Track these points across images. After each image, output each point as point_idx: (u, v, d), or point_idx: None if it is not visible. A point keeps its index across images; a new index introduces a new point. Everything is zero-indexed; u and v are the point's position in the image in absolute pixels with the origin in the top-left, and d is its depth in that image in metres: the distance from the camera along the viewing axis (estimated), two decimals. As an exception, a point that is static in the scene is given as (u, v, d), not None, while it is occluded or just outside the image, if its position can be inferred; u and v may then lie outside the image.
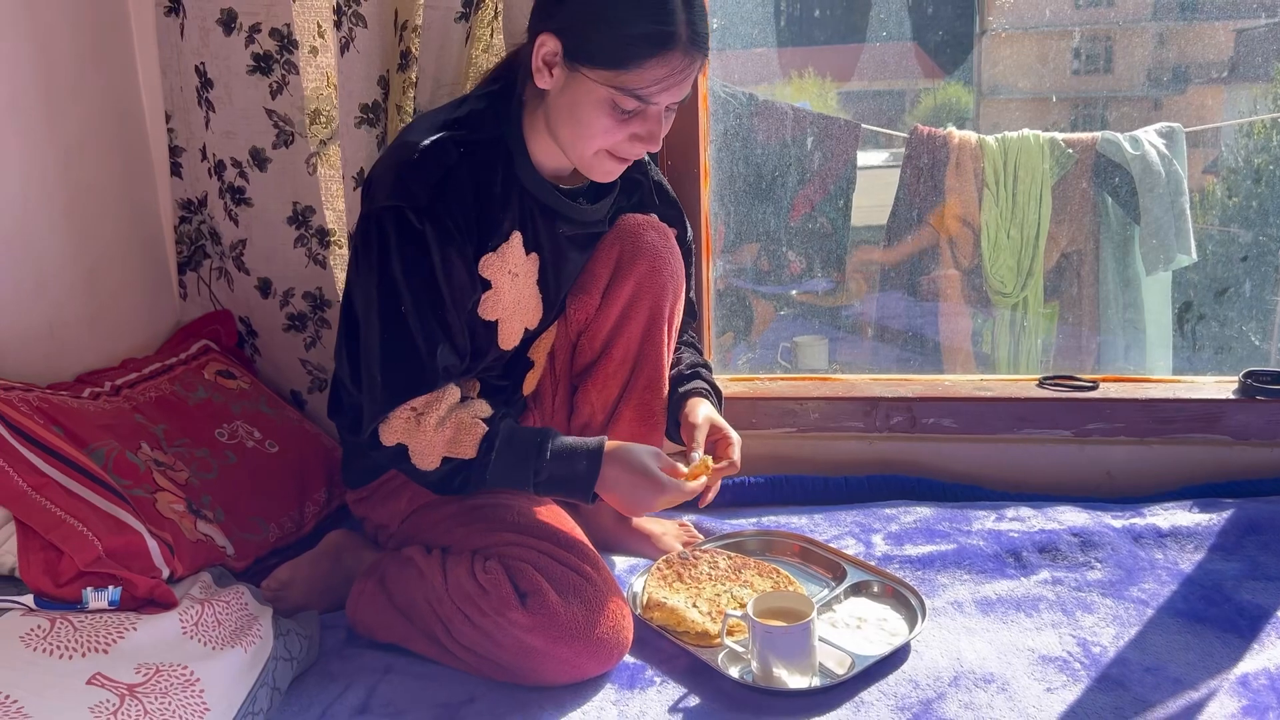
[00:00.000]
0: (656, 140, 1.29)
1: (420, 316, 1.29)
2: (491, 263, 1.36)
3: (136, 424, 1.47)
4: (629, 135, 1.28)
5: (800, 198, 2.79)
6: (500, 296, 1.38)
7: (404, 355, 1.29)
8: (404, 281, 1.28)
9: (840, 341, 2.99)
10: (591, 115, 1.26)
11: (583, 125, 1.28)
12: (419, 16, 1.58)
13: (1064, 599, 1.43)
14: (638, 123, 1.27)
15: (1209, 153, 3.04)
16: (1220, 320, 2.81)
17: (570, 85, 1.27)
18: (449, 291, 1.30)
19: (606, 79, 1.23)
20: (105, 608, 1.16)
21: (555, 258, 1.43)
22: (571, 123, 1.29)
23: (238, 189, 1.74)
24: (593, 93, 1.25)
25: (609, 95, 1.24)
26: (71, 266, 1.62)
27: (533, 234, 1.39)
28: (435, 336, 1.29)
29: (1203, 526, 1.58)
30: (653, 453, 1.32)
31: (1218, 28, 3.21)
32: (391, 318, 1.29)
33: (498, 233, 1.35)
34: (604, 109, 1.25)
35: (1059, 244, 2.70)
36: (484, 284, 1.36)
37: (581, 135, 1.29)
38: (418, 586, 1.33)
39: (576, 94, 1.27)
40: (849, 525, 1.66)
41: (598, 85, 1.24)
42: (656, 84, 1.23)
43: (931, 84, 3.79)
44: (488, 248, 1.35)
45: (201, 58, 1.69)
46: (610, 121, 1.26)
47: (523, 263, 1.39)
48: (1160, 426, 1.77)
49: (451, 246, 1.29)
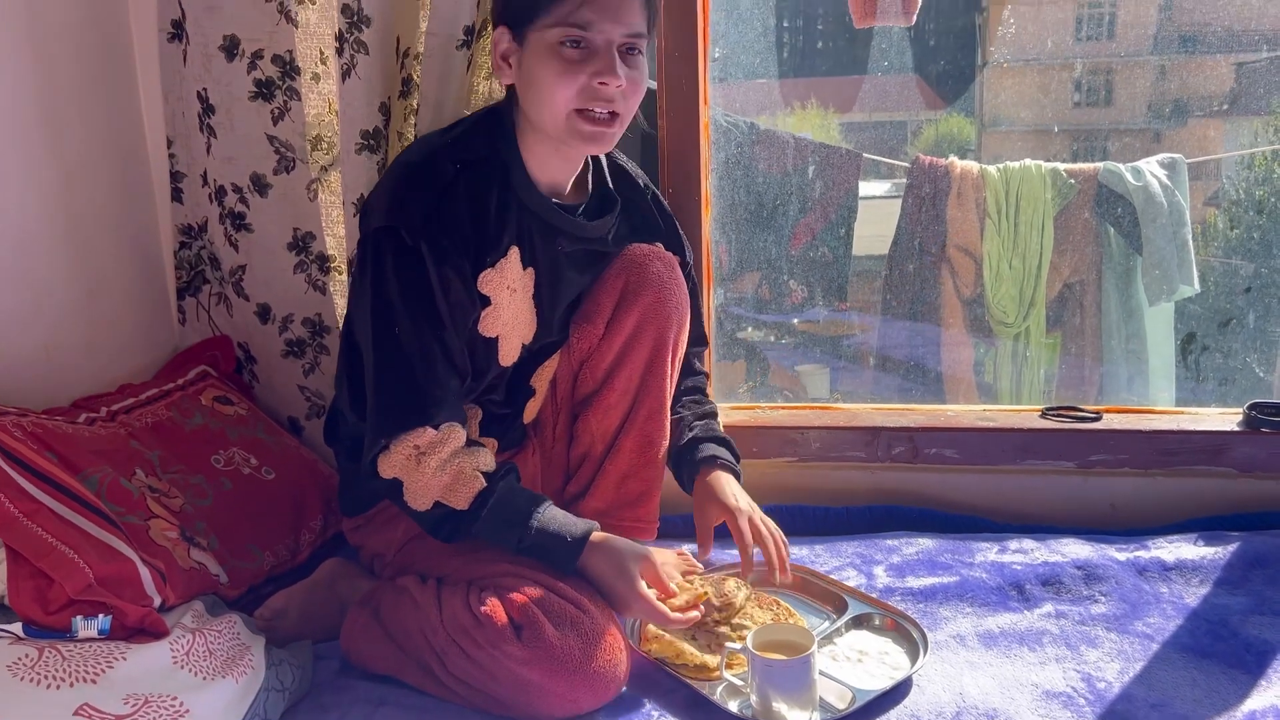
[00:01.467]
0: (616, 76, 1.27)
1: (418, 337, 1.28)
2: (490, 279, 1.36)
3: (132, 450, 1.46)
4: (587, 79, 1.27)
5: (801, 226, 2.79)
6: (500, 312, 1.38)
7: (402, 376, 1.29)
8: (401, 302, 1.28)
9: (842, 370, 2.99)
10: (545, 71, 1.28)
11: (543, 86, 1.29)
12: (421, 44, 1.59)
13: (1068, 633, 1.41)
14: (590, 63, 1.27)
15: (1210, 185, 3.04)
16: (1224, 352, 2.80)
17: (524, 60, 1.31)
18: (448, 310, 1.30)
19: (545, 25, 1.27)
20: (95, 636, 1.14)
21: (551, 274, 1.43)
22: (535, 91, 1.30)
23: (238, 214, 1.74)
24: (539, 50, 1.28)
25: (552, 41, 1.27)
26: (70, 290, 1.61)
27: (530, 249, 1.39)
28: (433, 357, 1.29)
29: (1208, 560, 1.56)
30: (640, 555, 1.31)
31: (1218, 61, 3.22)
32: (389, 339, 1.29)
33: (496, 249, 1.35)
34: (553, 57, 1.27)
35: (1061, 274, 2.70)
36: (483, 300, 1.36)
37: (545, 98, 1.29)
38: (412, 617, 1.31)
39: (530, 63, 1.30)
40: (850, 556, 1.64)
41: (542, 38, 1.27)
42: (586, 5, 1.25)
43: (933, 115, 3.80)
44: (486, 264, 1.35)
45: (204, 84, 1.70)
46: (561, 64, 1.27)
47: (520, 278, 1.39)
48: (1164, 458, 1.75)
49: (448, 265, 1.29)
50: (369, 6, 1.57)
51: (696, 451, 1.54)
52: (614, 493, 1.54)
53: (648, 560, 1.31)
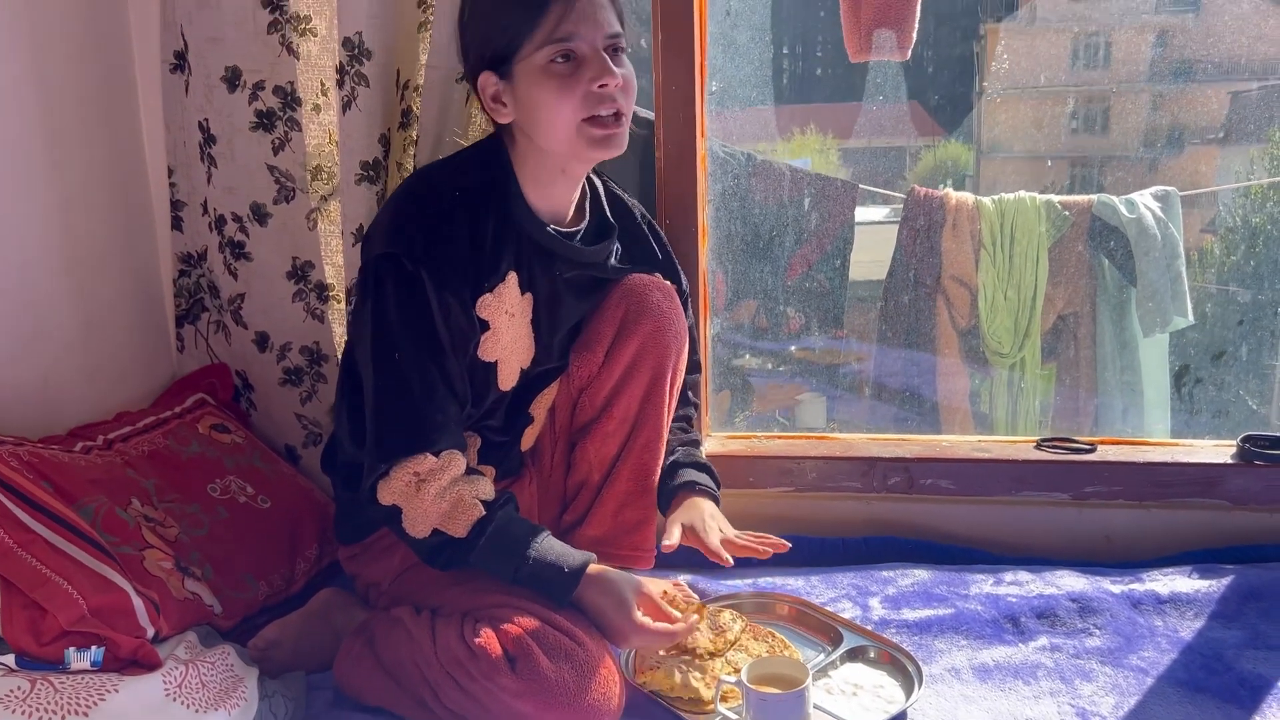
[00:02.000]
0: (611, 72, 1.29)
1: (418, 364, 1.30)
2: (489, 304, 1.37)
3: (128, 479, 1.46)
4: (586, 86, 1.29)
5: (798, 257, 2.80)
6: (499, 337, 1.39)
7: (402, 402, 1.30)
8: (401, 328, 1.29)
9: (838, 399, 2.99)
10: (543, 93, 1.30)
11: (545, 108, 1.30)
12: (420, 76, 1.60)
13: (1062, 666, 1.41)
14: (584, 71, 1.29)
15: (1206, 212, 3.06)
16: (1217, 384, 2.80)
17: (518, 93, 1.32)
18: (448, 336, 1.31)
19: (529, 51, 1.29)
20: (87, 668, 1.14)
21: (549, 299, 1.45)
22: (538, 117, 1.32)
23: (238, 243, 1.75)
24: (531, 77, 1.30)
25: (541, 63, 1.29)
26: (69, 318, 1.62)
27: (528, 275, 1.41)
28: (434, 383, 1.30)
29: (1202, 593, 1.57)
30: (636, 586, 1.31)
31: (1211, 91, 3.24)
32: (389, 365, 1.30)
33: (494, 274, 1.37)
34: (547, 78, 1.29)
35: (1056, 305, 2.71)
36: (482, 325, 1.37)
37: (551, 119, 1.31)
38: (406, 648, 1.31)
39: (526, 92, 1.31)
40: (846, 587, 1.64)
41: (530, 65, 1.29)
42: (564, 19, 1.27)
43: (931, 142, 3.83)
44: (484, 289, 1.36)
45: (205, 114, 1.71)
46: (557, 83, 1.29)
47: (518, 303, 1.40)
48: (1159, 490, 1.76)
49: (448, 291, 1.31)
50: (370, 40, 1.59)
51: (675, 476, 1.55)
52: (611, 521, 1.54)
53: (644, 593, 1.31)
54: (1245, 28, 2.92)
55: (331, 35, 1.64)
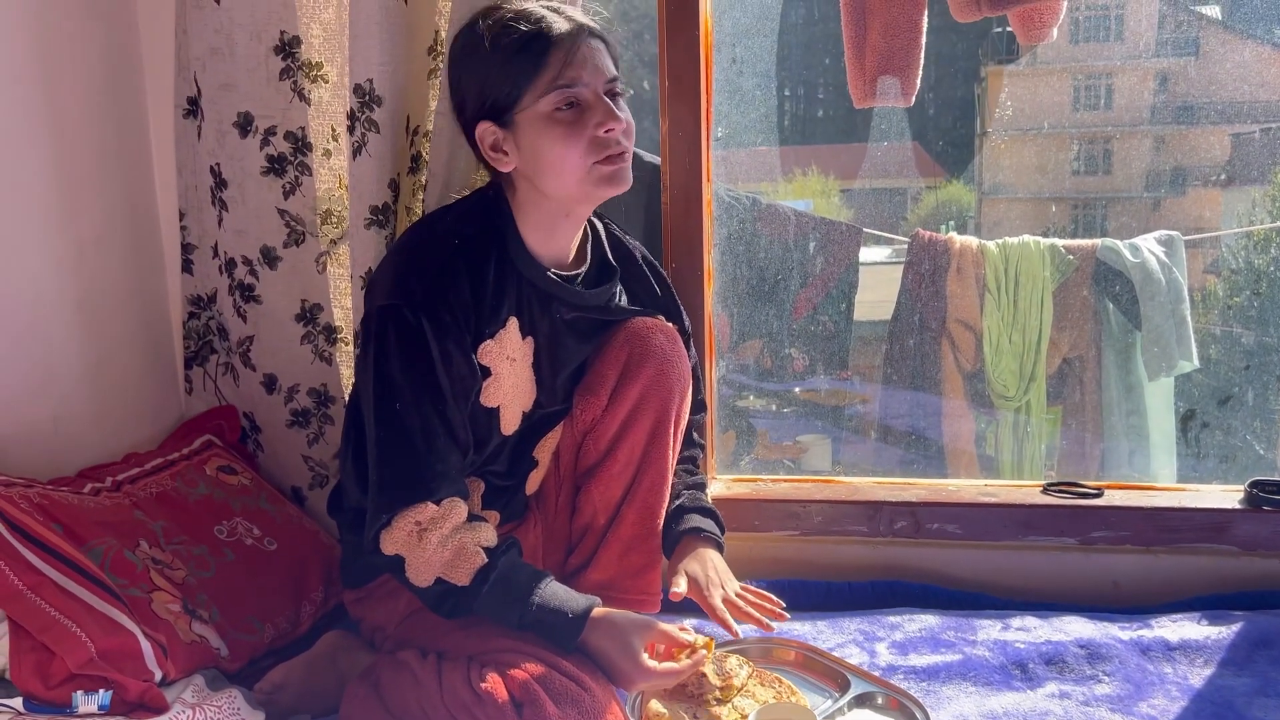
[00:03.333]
0: (616, 117, 1.31)
1: (420, 413, 1.30)
2: (490, 350, 1.38)
3: (136, 520, 1.47)
4: (593, 134, 1.31)
5: (802, 299, 2.81)
6: (500, 382, 1.40)
7: (403, 451, 1.30)
8: (403, 378, 1.30)
9: (844, 442, 2.99)
10: (549, 141, 1.31)
11: (553, 155, 1.32)
12: (430, 122, 1.62)
13: (1072, 714, 1.40)
14: (589, 115, 1.31)
15: (1209, 254, 3.07)
16: (1224, 429, 2.80)
17: (521, 141, 1.34)
18: (449, 385, 1.32)
19: (532, 100, 1.31)
20: (95, 712, 1.14)
21: (551, 342, 1.45)
22: (545, 164, 1.33)
23: (247, 286, 1.76)
24: (535, 125, 1.31)
25: (545, 111, 1.31)
26: (79, 360, 1.63)
27: (529, 319, 1.42)
28: (435, 432, 1.30)
29: (1212, 640, 1.56)
30: (642, 626, 1.31)
31: (1214, 133, 3.27)
32: (391, 414, 1.31)
33: (495, 320, 1.38)
34: (553, 125, 1.31)
35: (1061, 349, 2.72)
36: (484, 372, 1.38)
37: (560, 165, 1.32)
38: (412, 693, 1.31)
39: (530, 141, 1.33)
40: (853, 633, 1.63)
41: (534, 114, 1.31)
42: (566, 66, 1.30)
43: (933, 183, 3.85)
44: (485, 335, 1.37)
45: (217, 159, 1.73)
46: (564, 130, 1.31)
47: (519, 347, 1.41)
48: (1166, 535, 1.75)
49: (450, 340, 1.32)
50: (380, 86, 1.61)
51: (681, 522, 1.54)
52: (617, 564, 1.54)
53: (649, 629, 1.31)
54: (1246, 74, 2.95)
55: (343, 82, 1.66)
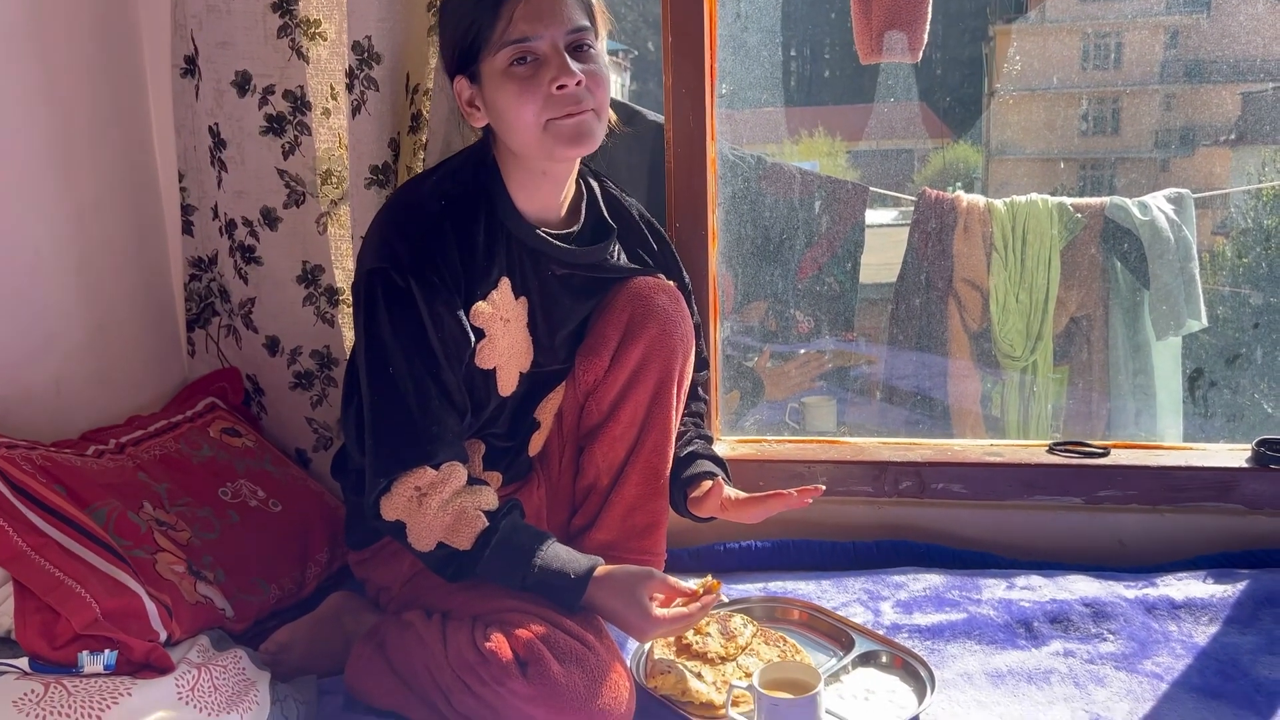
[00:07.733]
0: (569, 72, 1.29)
1: (413, 376, 1.30)
2: (484, 311, 1.37)
3: (140, 483, 1.47)
4: (546, 88, 1.29)
5: (808, 259, 2.79)
6: (495, 344, 1.39)
7: (399, 416, 1.30)
8: (395, 341, 1.30)
9: (849, 402, 2.98)
10: (505, 96, 1.31)
11: (509, 111, 1.31)
12: (430, 80, 1.61)
13: (1076, 672, 1.40)
14: (543, 73, 1.29)
15: (1218, 214, 3.04)
16: (1232, 387, 2.79)
17: (486, 96, 1.34)
18: (442, 347, 1.31)
19: (489, 53, 1.30)
20: (100, 672, 1.14)
21: (545, 301, 1.44)
22: (505, 120, 1.33)
23: (248, 248, 1.75)
24: (494, 80, 1.31)
25: (502, 65, 1.30)
26: (80, 323, 1.62)
27: (521, 279, 1.41)
28: (429, 395, 1.30)
29: (1217, 598, 1.56)
30: (643, 577, 1.30)
31: (1225, 91, 3.23)
32: (385, 379, 1.30)
33: (486, 281, 1.37)
34: (507, 80, 1.30)
35: (1068, 308, 2.69)
36: (478, 333, 1.37)
37: (515, 122, 1.31)
38: (418, 653, 1.31)
39: (490, 95, 1.33)
40: (857, 592, 1.63)
41: (492, 68, 1.30)
42: (521, 19, 1.28)
43: (940, 144, 3.82)
44: (477, 296, 1.36)
45: (215, 119, 1.71)
46: (517, 85, 1.30)
47: (513, 307, 1.40)
48: (1173, 494, 1.74)
49: (439, 301, 1.31)
50: (379, 44, 1.59)
51: (694, 465, 1.54)
52: (620, 525, 1.54)
53: (650, 579, 1.31)
54: (1259, 28, 2.91)
55: (341, 39, 1.64)
